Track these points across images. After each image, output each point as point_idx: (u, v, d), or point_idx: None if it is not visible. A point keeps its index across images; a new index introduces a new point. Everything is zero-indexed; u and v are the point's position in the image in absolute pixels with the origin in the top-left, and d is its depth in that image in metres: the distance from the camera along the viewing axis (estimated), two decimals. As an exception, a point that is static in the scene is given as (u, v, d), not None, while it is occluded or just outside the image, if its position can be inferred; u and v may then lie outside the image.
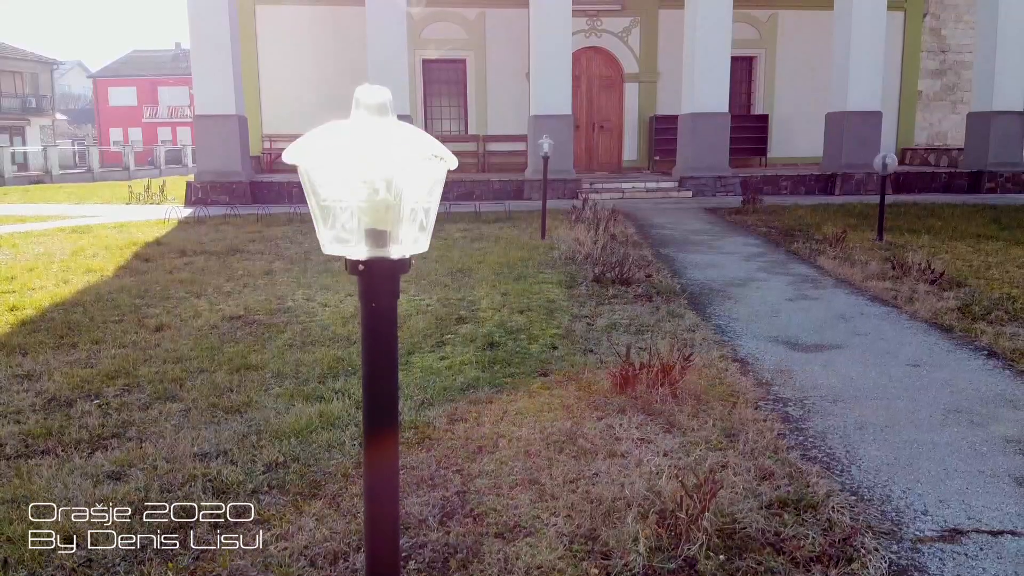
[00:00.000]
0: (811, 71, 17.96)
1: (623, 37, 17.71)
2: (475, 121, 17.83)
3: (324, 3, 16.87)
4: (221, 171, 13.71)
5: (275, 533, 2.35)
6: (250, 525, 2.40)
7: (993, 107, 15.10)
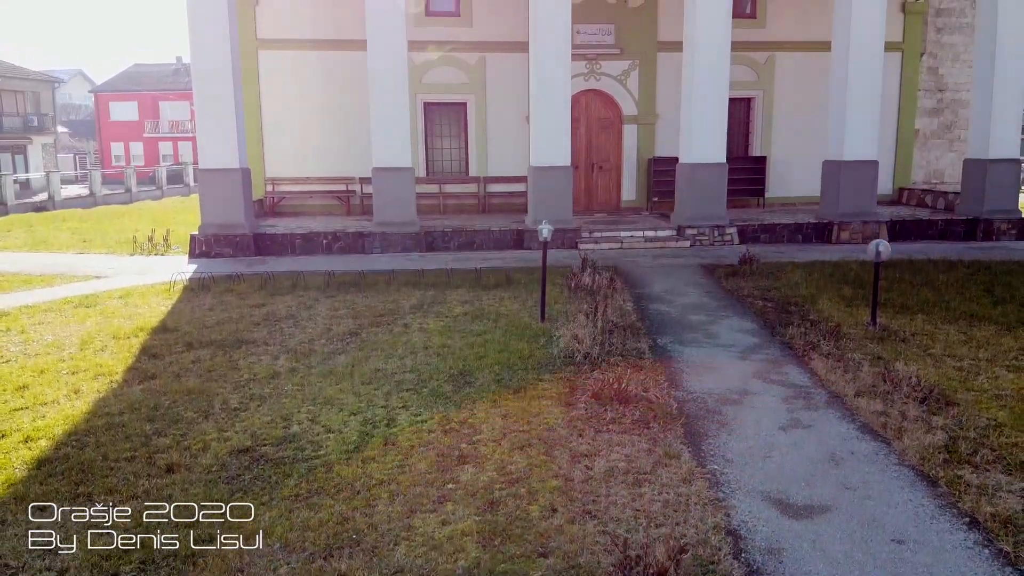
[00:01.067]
0: (809, 111, 18.15)
1: (622, 80, 17.89)
2: (475, 162, 18.00)
3: (326, 48, 17.05)
4: (225, 223, 13.87)
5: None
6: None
7: (989, 155, 15.28)
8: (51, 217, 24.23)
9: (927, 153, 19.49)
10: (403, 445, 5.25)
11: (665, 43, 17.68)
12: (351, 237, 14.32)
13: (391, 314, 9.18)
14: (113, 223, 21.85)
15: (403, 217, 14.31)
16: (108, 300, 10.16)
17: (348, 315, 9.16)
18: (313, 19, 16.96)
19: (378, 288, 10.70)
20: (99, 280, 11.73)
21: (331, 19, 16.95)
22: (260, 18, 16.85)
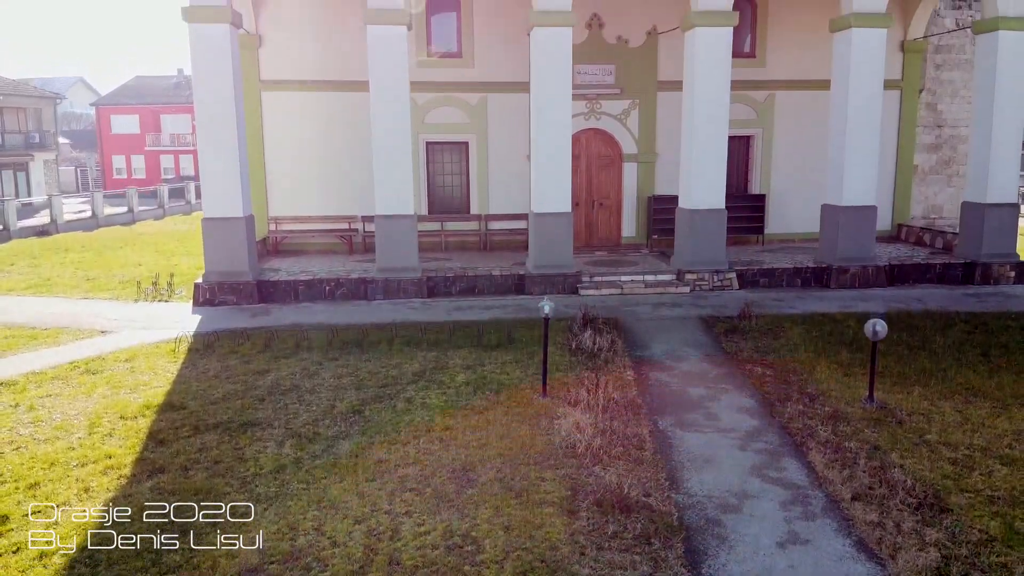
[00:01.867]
0: (808, 148, 18.28)
1: (622, 119, 18.01)
2: (477, 200, 18.13)
3: (329, 88, 17.18)
4: (228, 271, 13.98)
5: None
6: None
7: (987, 200, 15.39)
8: (54, 245, 24.30)
9: (926, 188, 19.59)
10: (407, 565, 5.36)
11: (665, 82, 17.80)
12: (353, 283, 14.43)
13: (394, 383, 9.29)
14: (116, 254, 21.94)
15: (405, 263, 14.42)
16: (114, 364, 10.26)
17: (351, 384, 9.27)
18: (315, 61, 17.08)
19: (380, 349, 10.80)
20: (104, 337, 11.83)
21: (333, 61, 17.07)
22: (263, 60, 16.97)
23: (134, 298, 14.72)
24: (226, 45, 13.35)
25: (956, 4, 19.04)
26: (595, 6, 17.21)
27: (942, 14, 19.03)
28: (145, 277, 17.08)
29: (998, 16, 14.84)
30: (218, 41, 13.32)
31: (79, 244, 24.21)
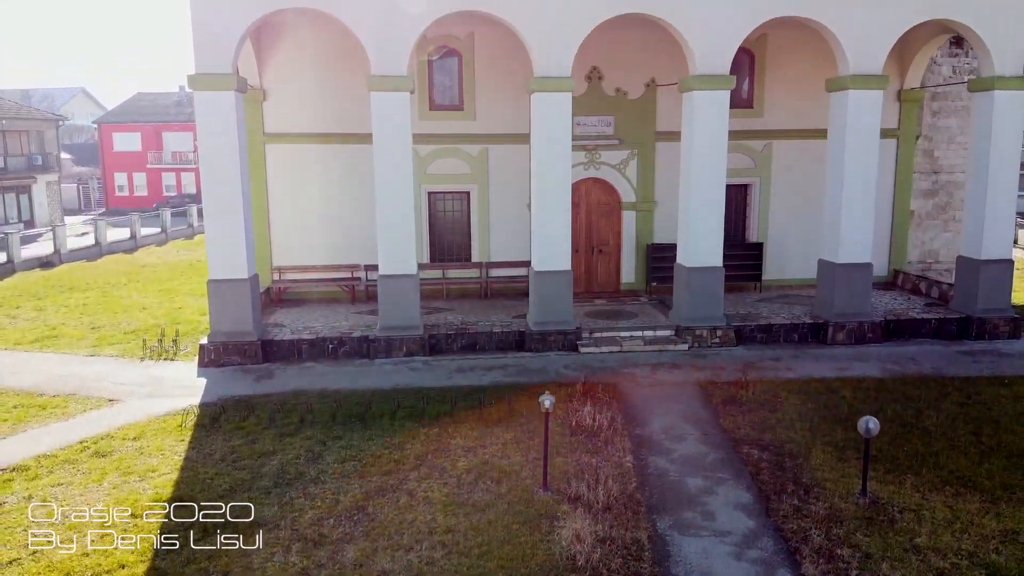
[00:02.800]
0: (805, 197, 18.48)
1: (621, 168, 18.23)
2: (478, 248, 18.34)
3: (331, 141, 17.41)
4: (233, 331, 14.18)
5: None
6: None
7: (982, 256, 15.59)
8: (58, 281, 24.50)
9: (922, 233, 19.79)
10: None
11: (663, 133, 18.01)
12: (355, 342, 14.63)
13: (396, 469, 9.49)
14: (121, 293, 22.14)
15: (407, 321, 14.61)
16: (122, 443, 10.46)
17: (355, 471, 9.47)
18: (318, 114, 17.30)
19: (382, 424, 10.99)
20: (112, 407, 12.03)
21: (335, 114, 17.29)
22: (267, 113, 17.19)
23: (140, 356, 14.90)
24: (231, 111, 13.56)
25: (953, 52, 19.25)
26: (594, 59, 17.40)
27: (939, 61, 19.24)
28: (150, 327, 17.32)
29: (994, 76, 15.04)
30: (224, 108, 13.53)
31: (83, 281, 24.39)
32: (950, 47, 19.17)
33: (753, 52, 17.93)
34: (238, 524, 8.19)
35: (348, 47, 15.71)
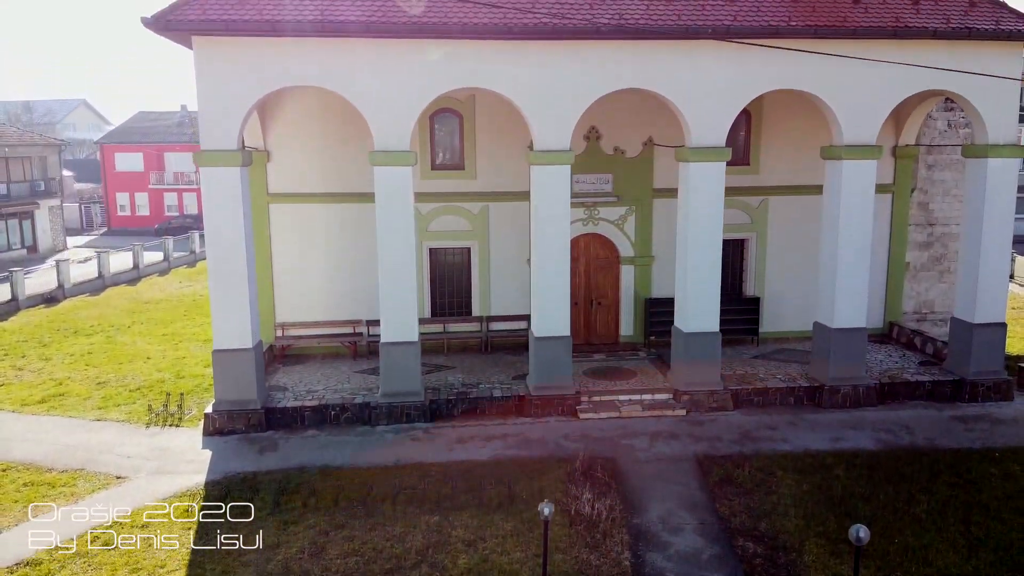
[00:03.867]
0: (801, 251, 18.72)
1: (619, 224, 18.47)
2: (479, 302, 18.59)
3: (334, 200, 17.66)
4: (237, 399, 14.41)
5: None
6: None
7: (975, 320, 15.80)
8: (63, 322, 24.73)
9: (917, 284, 20.02)
10: None
11: (660, 190, 18.24)
12: (357, 408, 14.86)
13: (398, 566, 9.73)
14: (124, 338, 22.36)
15: (408, 387, 14.83)
16: (132, 533, 10.67)
17: (356, 569, 9.70)
18: (321, 174, 17.55)
19: (384, 510, 11.19)
20: (120, 485, 12.27)
21: (337, 174, 17.54)
22: (271, 174, 17.44)
23: (145, 421, 15.12)
24: (237, 187, 13.79)
25: (948, 106, 19.46)
26: (593, 119, 17.63)
27: (934, 116, 19.46)
28: (155, 382, 17.58)
29: (988, 144, 15.28)
30: (229, 183, 13.77)
31: (87, 322, 24.60)
32: (945, 101, 19.39)
33: (749, 110, 18.11)
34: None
35: (350, 110, 15.83)
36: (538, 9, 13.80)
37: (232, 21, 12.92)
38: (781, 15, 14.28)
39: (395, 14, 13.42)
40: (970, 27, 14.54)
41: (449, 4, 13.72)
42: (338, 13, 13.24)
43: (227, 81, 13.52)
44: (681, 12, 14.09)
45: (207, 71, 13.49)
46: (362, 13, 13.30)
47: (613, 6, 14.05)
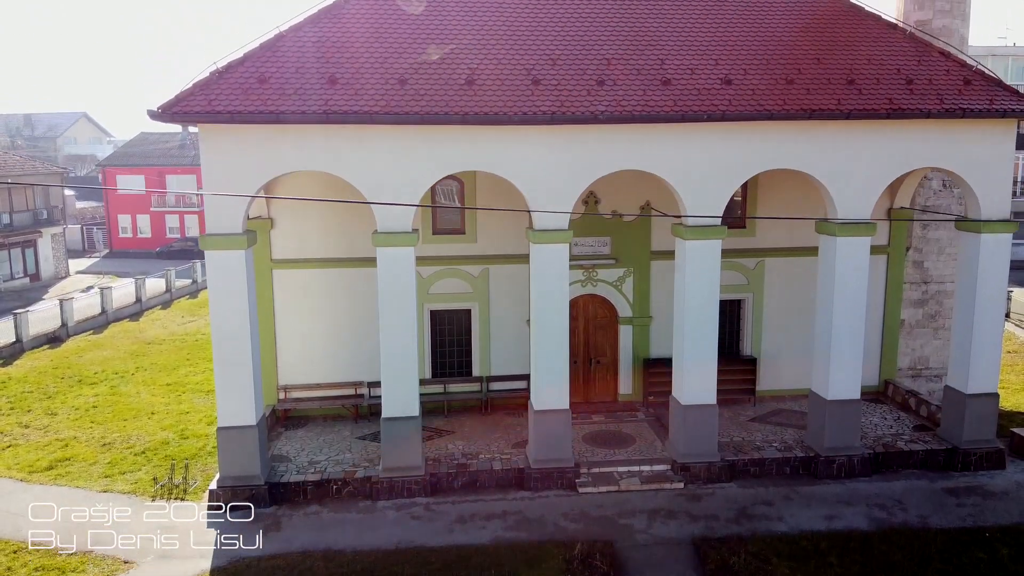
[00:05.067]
0: (797, 311, 18.99)
1: (617, 285, 18.72)
2: (479, 362, 18.83)
3: (336, 265, 17.92)
4: (241, 476, 14.63)
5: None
6: None
7: (968, 390, 16.03)
8: (67, 368, 24.97)
9: (912, 341, 20.27)
10: None
11: (658, 252, 18.51)
12: (359, 482, 15.08)
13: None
14: (128, 387, 22.60)
15: (409, 462, 15.05)
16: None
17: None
18: (323, 240, 17.81)
19: (388, 604, 11.44)
20: (127, 574, 12.49)
21: (339, 240, 17.80)
22: (275, 240, 17.69)
23: (151, 494, 15.34)
24: (241, 269, 14.03)
25: (941, 165, 19.70)
26: (592, 185, 17.57)
27: (929, 175, 19.71)
28: (159, 444, 17.83)
29: (981, 219, 15.52)
30: (234, 266, 14.01)
31: (91, 368, 24.84)
32: (939, 162, 19.64)
33: (746, 175, 18.41)
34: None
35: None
36: (537, 98, 14.05)
37: (237, 113, 13.17)
38: (776, 99, 14.53)
39: (397, 104, 13.66)
40: (964, 107, 14.78)
41: (451, 93, 13.97)
42: (341, 104, 13.48)
43: (233, 167, 13.76)
44: (677, 98, 14.34)
45: (213, 158, 13.73)
46: (365, 104, 13.55)
47: (611, 93, 14.30)
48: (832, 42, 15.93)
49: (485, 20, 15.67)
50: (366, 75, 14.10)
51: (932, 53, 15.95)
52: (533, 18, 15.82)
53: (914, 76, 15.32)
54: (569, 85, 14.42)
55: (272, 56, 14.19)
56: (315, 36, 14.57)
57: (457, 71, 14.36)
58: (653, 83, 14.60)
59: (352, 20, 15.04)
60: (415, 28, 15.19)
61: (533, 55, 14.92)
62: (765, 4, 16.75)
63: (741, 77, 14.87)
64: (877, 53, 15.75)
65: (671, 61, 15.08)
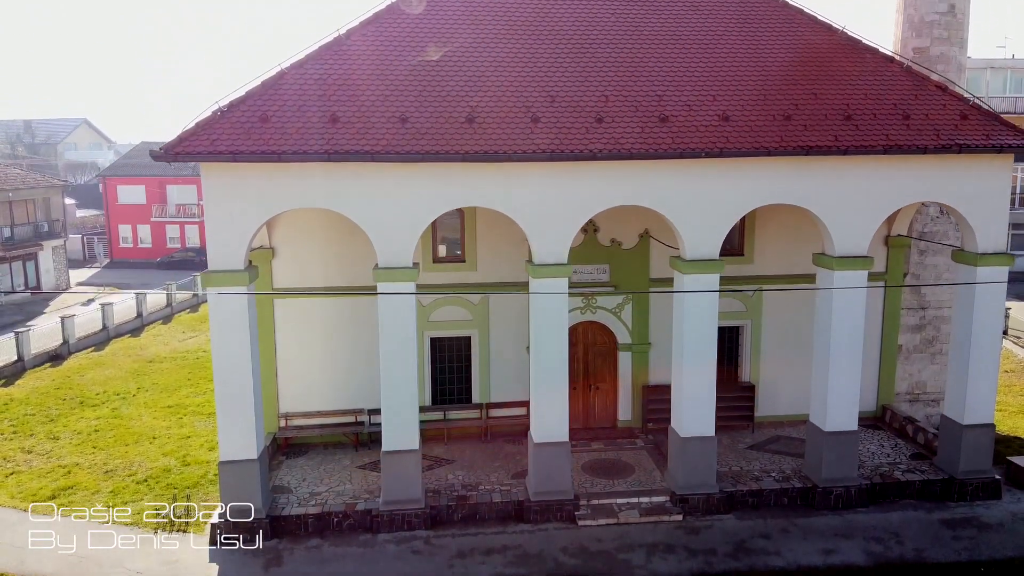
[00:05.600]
0: (794, 337, 19.10)
1: (617, 312, 18.84)
2: (479, 390, 18.95)
3: (337, 293, 18.00)
4: (243, 509, 14.71)
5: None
6: None
7: (964, 421, 16.14)
8: (68, 389, 25.07)
9: (910, 366, 20.37)
10: None
11: (656, 280, 18.62)
12: (359, 515, 15.18)
13: None
14: (130, 410, 22.70)
15: (409, 495, 15.14)
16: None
17: None
18: (324, 269, 17.91)
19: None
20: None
21: (340, 268, 17.90)
22: (276, 270, 17.80)
23: (153, 526, 15.44)
24: (244, 308, 14.14)
25: (939, 191, 19.80)
26: (592, 214, 17.99)
27: (927, 203, 19.81)
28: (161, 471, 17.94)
29: (977, 253, 15.63)
30: (237, 304, 14.11)
31: (93, 389, 24.93)
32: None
33: (745, 204, 18.52)
34: None
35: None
36: (536, 135, 14.16)
37: (239, 153, 13.28)
38: (774, 135, 14.65)
39: (398, 143, 13.77)
40: (960, 143, 14.89)
41: (451, 130, 14.09)
42: (343, 144, 13.59)
43: (235, 205, 13.87)
44: (675, 135, 14.46)
45: (215, 196, 13.84)
46: (367, 144, 13.66)
47: (609, 130, 14.42)
48: (830, 76, 16.04)
49: (484, 56, 15.78)
50: (367, 113, 14.22)
51: (929, 86, 16.06)
52: (532, 54, 15.92)
53: (911, 111, 15.44)
54: (568, 122, 14.53)
55: (274, 94, 14.30)
56: (317, 73, 14.68)
57: (458, 108, 14.47)
58: (651, 120, 14.71)
59: (353, 57, 15.14)
60: (416, 65, 15.29)
61: (532, 92, 15.03)
62: (763, 38, 16.85)
63: (739, 113, 14.98)
64: (874, 87, 15.86)
65: (669, 97, 15.19)
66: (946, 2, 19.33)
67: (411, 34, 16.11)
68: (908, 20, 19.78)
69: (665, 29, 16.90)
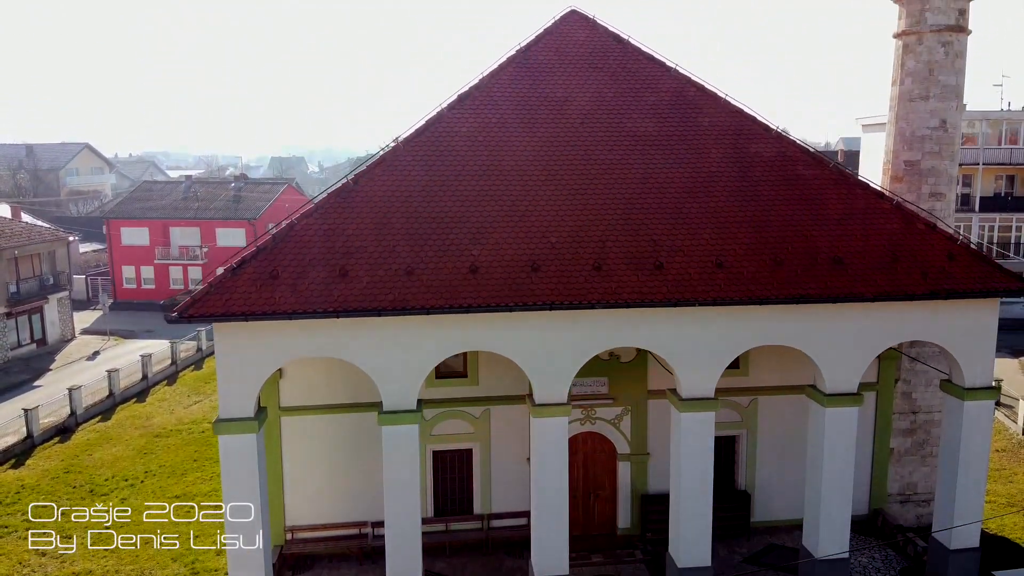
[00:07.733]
0: (789, 446, 19.57)
1: (615, 423, 19.33)
2: (480, 500, 19.40)
3: (342, 411, 18.51)
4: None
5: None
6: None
7: (952, 546, 16.63)
8: (77, 473, 25.50)
9: (901, 468, 20.84)
10: None
11: (654, 392, 19.05)
12: (367, 644, 15.65)
13: None
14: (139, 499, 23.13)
15: (413, 618, 15.61)
16: None
17: None
18: (329, 387, 18.38)
19: None
20: None
21: (345, 387, 18.37)
22: (284, 389, 18.27)
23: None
24: (253, 454, 14.62)
25: (929, 299, 20.30)
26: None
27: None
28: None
29: (964, 387, 16.13)
30: (246, 450, 14.59)
31: (101, 475, 25.35)
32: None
33: (740, 320, 19.02)
34: None
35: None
36: (536, 285, 14.66)
37: (251, 314, 13.77)
38: (766, 283, 15.14)
39: (404, 296, 14.27)
40: (947, 288, 15.40)
41: (455, 282, 14.58)
42: (350, 300, 14.09)
43: (246, 357, 14.36)
44: (671, 284, 14.95)
45: (227, 350, 14.34)
46: (373, 300, 14.15)
47: (606, 279, 14.91)
48: (821, 215, 16.51)
49: (486, 204, 16.11)
50: (375, 266, 14.70)
51: (918, 224, 16.56)
52: (532, 201, 16.26)
53: (900, 251, 15.93)
54: (567, 271, 15.03)
55: (284, 248, 14.78)
56: (325, 228, 15.16)
57: (461, 259, 14.96)
58: (646, 267, 15.20)
59: (359, 209, 15.60)
60: (419, 216, 15.70)
61: (532, 239, 15.48)
62: (757, 172, 17.32)
63: (732, 259, 15.45)
64: (864, 227, 16.34)
65: (664, 243, 15.65)
66: (937, 117, 19.79)
67: (417, 180, 16.40)
68: (900, 133, 20.26)
69: (661, 171, 17.16)
